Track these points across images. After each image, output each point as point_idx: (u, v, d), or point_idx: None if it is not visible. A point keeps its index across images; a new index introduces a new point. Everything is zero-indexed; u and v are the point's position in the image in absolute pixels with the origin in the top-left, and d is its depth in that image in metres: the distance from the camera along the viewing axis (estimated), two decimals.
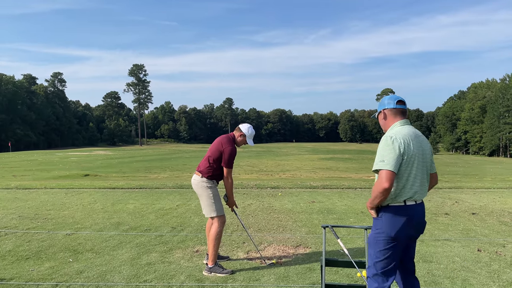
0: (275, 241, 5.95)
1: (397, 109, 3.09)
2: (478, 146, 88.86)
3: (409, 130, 3.00)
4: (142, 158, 42.19)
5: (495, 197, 10.13)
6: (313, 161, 39.41)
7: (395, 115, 3.10)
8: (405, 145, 2.87)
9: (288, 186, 12.38)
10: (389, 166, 2.81)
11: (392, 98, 3.14)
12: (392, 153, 2.84)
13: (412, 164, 2.89)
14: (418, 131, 3.08)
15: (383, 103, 3.18)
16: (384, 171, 2.81)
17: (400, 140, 2.88)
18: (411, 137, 2.94)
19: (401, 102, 3.11)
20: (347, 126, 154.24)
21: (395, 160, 2.82)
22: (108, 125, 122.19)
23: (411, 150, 2.89)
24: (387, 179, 2.79)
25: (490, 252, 5.33)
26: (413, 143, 2.92)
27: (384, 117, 3.16)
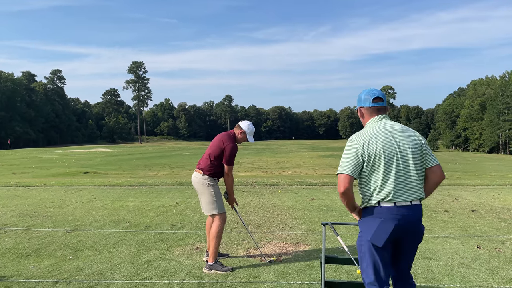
0: (275, 238, 5.96)
1: (373, 108, 2.92)
2: (477, 143, 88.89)
3: (379, 126, 2.83)
4: (142, 156, 42.19)
5: (495, 194, 10.15)
6: (312, 158, 39.44)
7: (370, 113, 2.94)
8: (364, 145, 2.73)
9: (288, 183, 12.39)
10: (343, 169, 2.74)
11: (369, 94, 2.94)
12: (348, 156, 2.76)
13: (379, 163, 2.71)
14: (396, 124, 2.87)
15: (359, 99, 2.99)
16: (339, 175, 2.76)
17: (359, 141, 2.77)
18: (377, 134, 2.77)
19: (378, 99, 2.92)
20: (347, 123, 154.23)
21: (351, 162, 2.73)
22: (108, 122, 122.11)
23: (374, 148, 2.72)
24: (341, 183, 2.74)
25: (490, 249, 5.34)
26: (378, 140, 2.74)
27: (361, 115, 3.01)
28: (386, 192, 2.70)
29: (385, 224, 2.70)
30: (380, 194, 2.71)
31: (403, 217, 2.70)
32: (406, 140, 2.77)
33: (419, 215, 2.77)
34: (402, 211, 2.70)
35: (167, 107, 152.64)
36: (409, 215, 2.71)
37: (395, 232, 2.70)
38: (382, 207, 2.72)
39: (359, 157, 2.73)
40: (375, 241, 2.70)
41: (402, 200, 2.71)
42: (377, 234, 2.70)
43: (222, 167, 4.84)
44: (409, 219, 2.72)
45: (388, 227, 2.69)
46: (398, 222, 2.69)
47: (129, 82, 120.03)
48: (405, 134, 2.81)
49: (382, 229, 2.69)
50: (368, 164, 2.72)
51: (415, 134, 2.86)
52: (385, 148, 2.73)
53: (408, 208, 2.72)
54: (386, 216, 2.70)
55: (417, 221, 2.76)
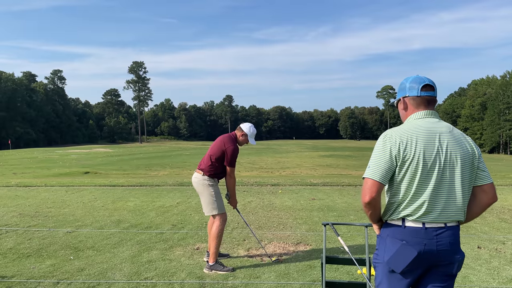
0: (276, 238, 5.96)
1: (422, 98, 2.31)
2: (478, 143, 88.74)
3: (423, 124, 2.25)
4: (142, 156, 42.21)
5: None
6: (313, 158, 39.44)
7: (418, 105, 2.32)
8: (400, 145, 2.18)
9: (288, 183, 12.39)
10: (371, 173, 2.21)
11: (416, 81, 2.34)
12: (379, 157, 2.23)
13: (415, 170, 2.16)
14: (445, 125, 2.28)
15: (403, 87, 2.39)
16: (365, 180, 2.24)
17: (395, 139, 2.21)
18: (419, 133, 2.21)
19: (428, 87, 2.32)
20: (347, 123, 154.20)
21: (382, 166, 2.19)
22: (108, 122, 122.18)
23: (413, 151, 2.17)
24: (367, 191, 2.21)
25: (490, 249, 5.34)
26: (419, 141, 2.18)
27: (404, 107, 2.39)
28: (415, 207, 2.18)
29: (406, 249, 2.18)
30: (407, 208, 2.20)
31: (431, 243, 2.17)
32: (455, 147, 2.21)
33: (455, 239, 2.22)
34: (431, 235, 2.18)
35: (167, 107, 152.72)
36: (440, 239, 2.18)
37: (420, 259, 2.17)
38: (407, 228, 2.20)
39: (393, 160, 2.19)
40: (393, 266, 2.23)
41: (434, 220, 2.18)
42: (395, 258, 2.21)
43: (222, 168, 4.86)
44: (440, 244, 2.17)
45: (410, 254, 2.17)
46: (423, 248, 2.16)
47: (130, 82, 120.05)
48: (456, 140, 2.24)
49: (402, 255, 2.19)
50: (401, 169, 2.18)
51: (469, 141, 2.28)
52: (426, 152, 2.17)
53: (441, 232, 2.19)
54: (409, 239, 2.19)
55: (450, 248, 2.19)
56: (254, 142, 5.07)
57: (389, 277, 2.26)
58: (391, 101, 2.62)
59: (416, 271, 2.22)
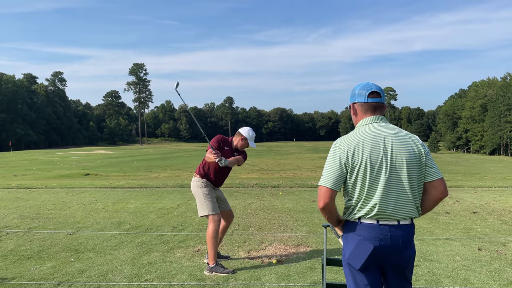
0: (276, 240, 5.96)
1: (369, 104, 2.44)
2: (479, 145, 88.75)
3: (370, 130, 2.39)
4: (143, 157, 42.22)
5: (496, 196, 10.13)
6: (313, 160, 39.42)
7: (365, 110, 2.45)
8: (348, 153, 2.32)
9: (289, 185, 12.39)
10: (324, 181, 2.35)
11: (364, 88, 2.46)
12: (330, 165, 2.36)
13: (364, 175, 2.30)
14: (391, 128, 2.41)
15: (353, 94, 2.50)
16: (319, 187, 2.38)
17: (343, 148, 2.35)
18: (365, 139, 2.34)
19: (375, 94, 2.44)
20: (348, 125, 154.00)
21: (333, 173, 2.33)
22: (109, 124, 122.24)
23: (360, 157, 2.30)
24: (321, 197, 2.36)
25: (491, 251, 5.33)
26: (366, 147, 2.31)
27: (354, 113, 2.52)
28: (368, 208, 2.32)
29: (363, 244, 2.31)
30: (362, 210, 2.34)
31: (385, 238, 2.29)
32: (400, 149, 2.34)
33: (407, 237, 2.34)
34: (385, 231, 2.30)
35: (168, 109, 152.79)
36: (394, 236, 2.30)
37: (376, 255, 2.29)
38: (362, 224, 2.34)
39: (343, 167, 2.33)
40: (352, 262, 2.35)
41: (388, 218, 2.31)
42: (354, 254, 2.34)
43: (214, 170, 4.86)
44: (393, 241, 2.30)
45: (367, 248, 2.30)
46: (378, 243, 2.29)
47: (130, 84, 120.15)
48: (401, 141, 2.36)
49: (360, 249, 2.32)
50: (352, 174, 2.33)
51: (414, 141, 2.40)
52: (372, 156, 2.30)
53: (395, 228, 2.31)
54: (365, 234, 2.32)
55: (403, 245, 2.32)
56: (254, 145, 5.06)
57: (354, 275, 2.38)
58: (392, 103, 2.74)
59: (374, 268, 2.35)
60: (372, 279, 2.36)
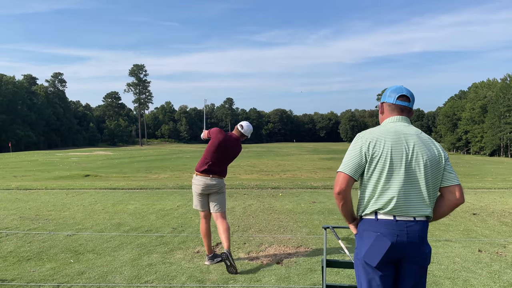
0: (276, 241, 5.95)
1: (396, 105, 2.56)
2: (479, 146, 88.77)
3: (394, 127, 2.48)
4: (143, 159, 42.22)
5: (496, 197, 10.13)
6: (313, 161, 39.42)
7: (392, 111, 2.59)
8: (370, 144, 2.40)
9: (289, 186, 12.38)
10: (343, 167, 2.44)
11: (395, 91, 2.59)
12: (351, 153, 2.45)
13: (382, 167, 2.36)
14: (414, 129, 2.51)
15: (385, 95, 2.65)
16: (338, 174, 2.46)
17: (366, 138, 2.44)
18: (389, 135, 2.42)
19: (404, 97, 2.56)
20: (348, 126, 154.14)
21: (352, 161, 2.42)
22: (109, 125, 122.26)
23: (381, 149, 2.38)
24: (337, 183, 2.44)
25: (491, 253, 5.33)
26: (387, 141, 2.40)
27: (381, 111, 2.68)
28: (385, 201, 2.35)
29: (381, 241, 2.33)
30: (378, 202, 2.37)
31: (402, 234, 2.32)
32: (421, 149, 2.41)
33: (424, 233, 2.37)
34: (402, 227, 2.33)
35: (168, 110, 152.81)
36: (411, 231, 2.33)
37: (393, 251, 2.32)
38: (379, 220, 2.37)
39: (363, 156, 2.40)
40: (368, 260, 2.36)
41: (404, 214, 2.35)
42: (371, 251, 2.36)
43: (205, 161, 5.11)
44: (410, 236, 2.33)
45: (384, 244, 2.32)
46: (396, 239, 2.32)
47: (130, 85, 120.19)
48: (422, 142, 2.44)
49: (377, 246, 2.34)
50: (370, 165, 2.39)
51: (435, 145, 2.48)
52: (393, 151, 2.38)
53: (411, 224, 2.34)
54: (382, 230, 2.35)
55: (420, 240, 2.35)
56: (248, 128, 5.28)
57: (369, 273, 2.38)
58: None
59: (389, 267, 2.37)
60: (386, 280, 2.39)
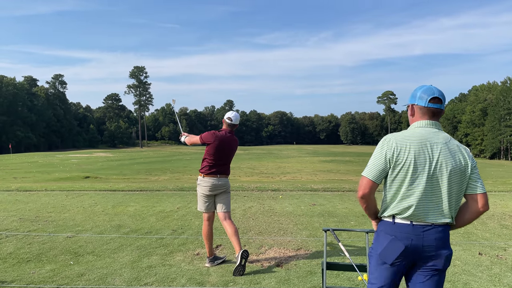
0: (276, 244, 5.95)
1: (428, 108, 2.51)
2: (479, 149, 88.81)
3: (421, 133, 2.48)
4: (143, 160, 42.20)
5: (496, 200, 10.11)
6: (313, 163, 39.42)
7: (423, 114, 2.54)
8: (395, 150, 2.43)
9: (289, 188, 12.38)
10: (367, 172, 2.50)
11: (426, 92, 2.51)
12: (375, 158, 2.49)
13: (405, 174, 2.41)
14: (443, 137, 2.49)
15: (414, 95, 2.58)
16: (362, 177, 2.52)
17: (391, 144, 2.46)
18: (414, 142, 2.43)
19: (436, 100, 2.50)
20: (348, 129, 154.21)
21: (376, 166, 2.47)
22: (109, 127, 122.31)
23: (405, 156, 2.41)
24: (361, 187, 2.51)
25: (491, 256, 5.32)
26: (412, 148, 2.41)
27: (411, 113, 2.62)
28: (404, 207, 2.42)
29: (395, 243, 2.42)
30: (397, 207, 2.44)
31: (418, 238, 2.39)
32: (446, 158, 2.42)
33: (442, 236, 2.42)
34: (419, 231, 2.40)
35: (168, 112, 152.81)
36: (427, 235, 2.39)
37: (408, 253, 2.40)
38: (396, 224, 2.44)
39: (387, 162, 2.44)
40: (383, 258, 2.47)
41: (421, 221, 2.41)
42: (386, 251, 2.46)
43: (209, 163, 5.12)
44: (426, 240, 2.39)
45: (398, 247, 2.41)
46: (410, 242, 2.39)
47: (131, 87, 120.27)
48: (449, 151, 2.45)
49: (391, 248, 2.43)
50: (393, 171, 2.44)
51: (463, 153, 2.48)
52: (417, 159, 2.40)
53: (428, 229, 2.40)
54: (398, 234, 2.43)
55: (437, 243, 2.40)
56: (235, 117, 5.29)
57: (380, 267, 2.50)
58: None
59: (404, 263, 2.45)
60: (397, 277, 2.49)
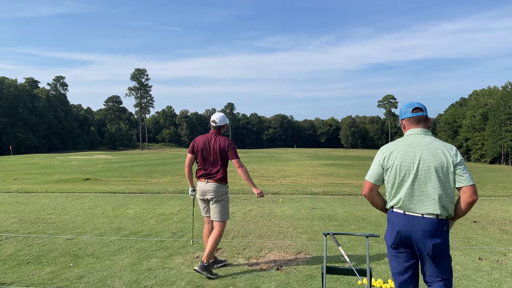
0: (276, 247, 5.94)
1: (413, 118, 3.08)
2: (479, 154, 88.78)
3: (408, 141, 3.01)
4: (143, 163, 42.21)
5: (497, 205, 10.10)
6: (314, 167, 39.39)
7: (411, 123, 3.10)
8: (385, 158, 3.04)
9: (289, 192, 12.37)
10: (367, 176, 3.15)
11: (408, 106, 3.11)
12: (373, 165, 3.15)
13: (394, 175, 2.99)
14: (427, 140, 2.98)
15: (401, 113, 3.20)
16: (364, 181, 3.20)
17: (383, 152, 3.09)
18: (400, 148, 2.99)
19: (418, 109, 3.07)
20: (348, 132, 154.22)
21: (374, 171, 3.11)
22: (109, 129, 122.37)
23: (392, 162, 2.99)
24: (364, 188, 3.19)
25: (491, 261, 5.31)
26: (398, 155, 2.98)
27: (403, 127, 3.19)
28: (396, 200, 3.01)
29: (392, 228, 3.03)
30: (392, 201, 3.05)
31: (407, 225, 2.93)
32: (430, 159, 2.91)
33: (431, 228, 2.88)
34: (409, 220, 2.93)
35: (169, 114, 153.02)
36: (416, 225, 2.90)
37: (401, 237, 2.96)
38: (393, 212, 3.05)
39: (381, 167, 3.08)
40: (386, 240, 3.11)
41: (411, 211, 2.94)
42: (387, 235, 3.10)
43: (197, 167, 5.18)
44: (415, 229, 2.90)
45: (393, 231, 3.01)
46: (401, 228, 2.95)
47: (132, 89, 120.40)
48: (432, 152, 2.92)
49: (390, 231, 3.06)
50: (386, 173, 3.06)
51: (445, 153, 2.91)
52: (402, 163, 2.97)
53: (417, 219, 2.91)
54: (394, 220, 3.02)
55: (426, 233, 2.88)
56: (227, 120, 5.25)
57: (392, 256, 3.10)
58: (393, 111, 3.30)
59: (404, 249, 3.02)
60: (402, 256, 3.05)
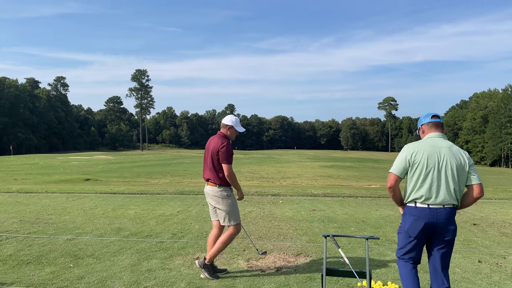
0: (276, 249, 5.94)
1: (432, 123, 3.58)
2: (479, 156, 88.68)
3: (431, 142, 3.47)
4: (143, 163, 42.21)
5: (496, 208, 10.11)
6: (314, 168, 39.38)
7: (430, 128, 3.59)
8: (413, 154, 3.43)
9: (289, 193, 12.38)
10: (393, 169, 3.50)
11: (427, 115, 3.64)
12: (399, 159, 3.51)
13: (420, 171, 3.39)
14: (446, 143, 3.47)
15: (420, 120, 3.70)
16: (389, 173, 3.53)
17: (410, 149, 3.47)
18: (426, 147, 3.43)
19: (436, 116, 3.60)
20: (348, 134, 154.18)
21: (399, 165, 3.48)
22: (110, 129, 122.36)
23: (419, 158, 3.40)
24: (389, 180, 3.52)
25: (491, 264, 5.32)
26: (424, 152, 3.40)
27: (422, 132, 3.67)
28: (420, 194, 3.39)
29: (418, 222, 3.39)
30: (416, 194, 3.41)
31: (433, 217, 3.36)
32: (451, 158, 3.41)
33: (449, 215, 3.38)
34: (434, 212, 3.36)
35: (169, 115, 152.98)
36: (440, 215, 3.36)
37: (426, 228, 3.38)
38: (417, 208, 3.41)
39: (407, 162, 3.45)
40: (409, 232, 3.45)
41: (435, 203, 3.37)
42: (411, 228, 3.43)
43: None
44: (439, 218, 3.36)
45: (420, 224, 3.38)
46: (428, 220, 3.36)
47: (132, 90, 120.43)
48: (452, 153, 3.43)
49: (415, 225, 3.40)
50: (412, 169, 3.43)
51: (462, 155, 3.46)
52: (429, 160, 3.39)
53: (440, 210, 3.37)
54: (419, 215, 3.39)
55: (447, 221, 3.37)
56: (242, 129, 5.03)
57: (408, 240, 3.48)
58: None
59: (424, 236, 3.44)
60: (418, 244, 3.47)
